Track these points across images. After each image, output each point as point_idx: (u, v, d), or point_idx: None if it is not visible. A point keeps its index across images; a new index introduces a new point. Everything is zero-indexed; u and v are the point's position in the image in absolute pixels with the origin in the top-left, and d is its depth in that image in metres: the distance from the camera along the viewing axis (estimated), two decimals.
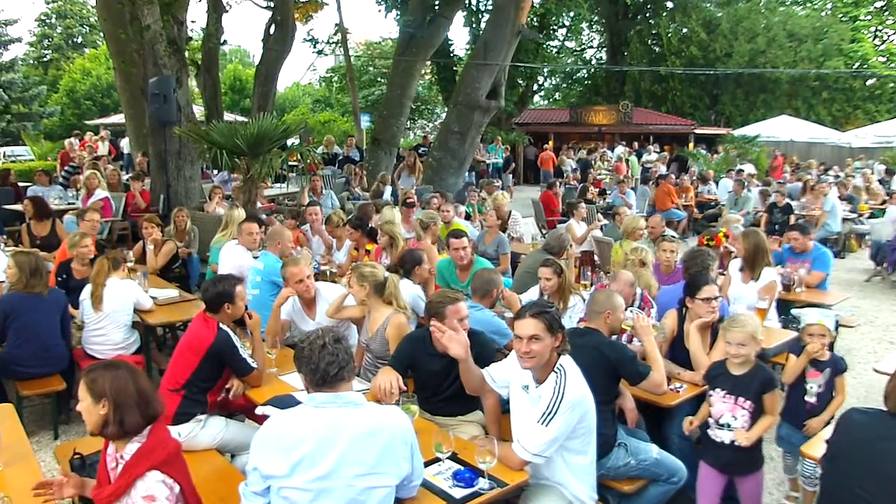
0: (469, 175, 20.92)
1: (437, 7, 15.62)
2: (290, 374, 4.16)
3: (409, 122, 33.52)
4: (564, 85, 37.99)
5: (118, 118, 26.20)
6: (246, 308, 4.14)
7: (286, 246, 5.89)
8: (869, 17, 32.21)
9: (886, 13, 32.40)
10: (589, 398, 3.06)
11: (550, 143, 26.73)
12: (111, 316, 5.18)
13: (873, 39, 32.06)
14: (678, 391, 3.86)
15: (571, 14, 27.31)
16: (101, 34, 42.71)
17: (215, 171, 14.42)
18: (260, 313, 4.89)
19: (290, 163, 12.19)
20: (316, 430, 2.46)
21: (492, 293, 4.46)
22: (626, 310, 3.96)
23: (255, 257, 6.10)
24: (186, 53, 12.07)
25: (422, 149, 17.41)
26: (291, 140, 19.40)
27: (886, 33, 32.46)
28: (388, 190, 11.86)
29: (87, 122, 32.16)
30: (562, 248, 5.94)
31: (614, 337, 3.91)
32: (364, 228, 7.19)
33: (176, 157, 11.04)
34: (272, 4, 18.08)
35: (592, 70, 36.72)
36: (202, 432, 3.83)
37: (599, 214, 10.78)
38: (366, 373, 4.32)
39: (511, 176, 21.95)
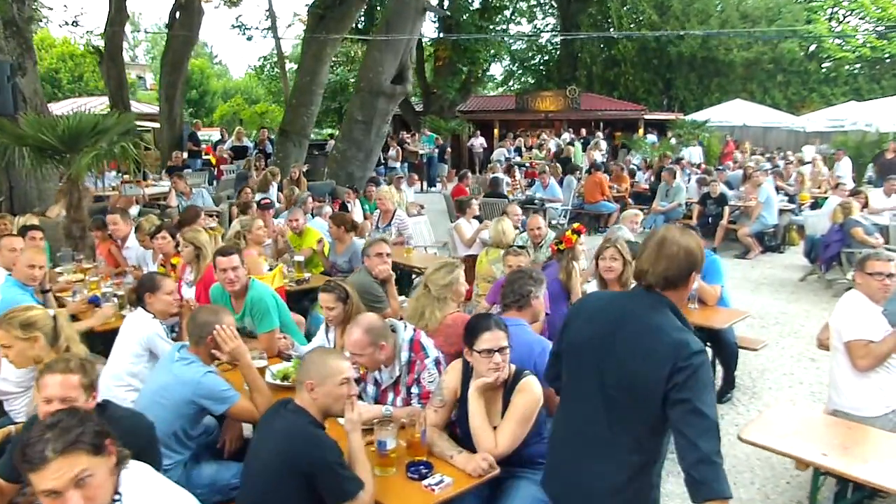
0: (402, 167, 19.72)
1: None
2: None
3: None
4: (519, 72, 36.88)
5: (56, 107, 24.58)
6: None
7: (21, 270, 4.58)
8: None
9: None
10: None
11: (496, 131, 25.58)
12: None
13: (829, 21, 31.19)
14: (432, 489, 2.63)
15: None
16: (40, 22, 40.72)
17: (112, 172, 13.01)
18: None
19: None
20: None
21: (207, 340, 3.19)
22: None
23: None
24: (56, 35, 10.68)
25: None
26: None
27: (842, 14, 31.56)
28: (274, 187, 10.51)
29: None
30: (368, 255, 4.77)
31: None
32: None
33: None
34: None
35: (545, 56, 35.65)
36: None
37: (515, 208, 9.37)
38: None
39: (446, 166, 20.65)
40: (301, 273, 6.26)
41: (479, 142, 23.24)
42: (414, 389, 3.37)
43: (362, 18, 21.76)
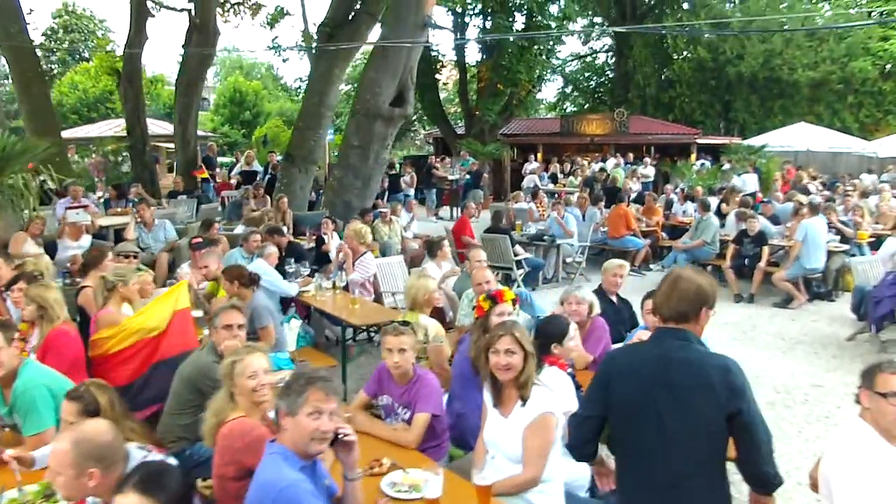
0: (429, 192, 18.74)
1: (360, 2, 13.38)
2: None
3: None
4: (574, 94, 35.58)
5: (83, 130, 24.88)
6: None
7: None
8: None
9: None
10: None
11: (539, 155, 24.27)
12: None
13: None
14: None
15: (559, 10, 24.59)
16: (107, 47, 41.85)
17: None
18: None
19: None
20: None
21: None
22: None
23: None
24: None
25: None
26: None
27: None
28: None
29: None
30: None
31: None
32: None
33: None
34: (191, 8, 16.16)
35: (599, 77, 34.33)
36: None
37: (479, 253, 8.00)
38: None
39: (482, 192, 19.44)
40: (199, 331, 5.21)
41: (531, 167, 21.70)
42: None
43: None
